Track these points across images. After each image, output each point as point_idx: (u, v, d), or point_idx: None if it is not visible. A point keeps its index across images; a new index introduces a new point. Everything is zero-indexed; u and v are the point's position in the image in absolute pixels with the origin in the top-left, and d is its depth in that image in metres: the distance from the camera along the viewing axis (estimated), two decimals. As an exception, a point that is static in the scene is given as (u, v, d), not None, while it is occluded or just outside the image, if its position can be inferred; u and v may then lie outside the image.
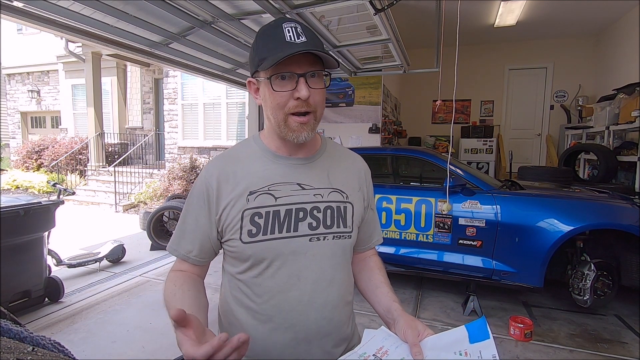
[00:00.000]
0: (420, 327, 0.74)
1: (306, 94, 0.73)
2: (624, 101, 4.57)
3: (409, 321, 0.76)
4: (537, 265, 2.64)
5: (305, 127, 0.76)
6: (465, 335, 0.67)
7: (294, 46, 0.71)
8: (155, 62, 3.70)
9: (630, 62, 5.36)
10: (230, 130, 7.67)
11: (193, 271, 0.83)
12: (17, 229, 2.66)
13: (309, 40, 0.73)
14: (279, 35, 0.72)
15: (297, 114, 0.75)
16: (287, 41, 0.72)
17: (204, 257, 0.83)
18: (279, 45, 0.72)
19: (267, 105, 0.78)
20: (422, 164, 3.44)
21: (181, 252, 0.82)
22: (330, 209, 0.82)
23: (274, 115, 0.77)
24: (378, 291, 0.88)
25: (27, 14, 2.28)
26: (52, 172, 8.72)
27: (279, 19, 0.76)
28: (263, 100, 0.79)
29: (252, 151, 0.85)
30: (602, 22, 5.97)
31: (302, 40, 0.72)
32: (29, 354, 0.36)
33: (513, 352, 2.33)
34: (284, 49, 0.71)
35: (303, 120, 0.76)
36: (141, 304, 2.98)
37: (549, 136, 7.05)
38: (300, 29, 0.73)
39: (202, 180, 0.82)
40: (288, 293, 0.78)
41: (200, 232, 0.81)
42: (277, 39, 0.72)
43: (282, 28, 0.73)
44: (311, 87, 0.74)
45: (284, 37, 0.72)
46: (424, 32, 6.04)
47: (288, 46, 0.71)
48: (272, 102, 0.76)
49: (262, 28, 0.77)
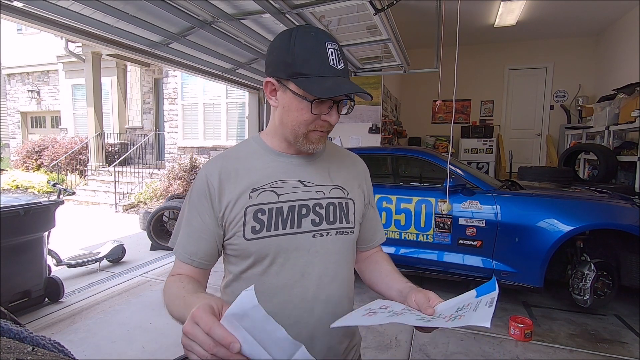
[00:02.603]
0: (432, 294, 0.73)
1: (336, 121, 0.77)
2: (624, 101, 4.57)
3: (420, 289, 0.75)
4: (537, 265, 2.64)
5: (323, 139, 0.81)
6: (473, 295, 0.67)
7: (335, 72, 0.73)
8: (155, 62, 3.70)
9: (630, 62, 5.36)
10: (230, 130, 7.67)
11: (196, 276, 0.80)
12: (17, 229, 2.66)
13: (345, 66, 0.76)
14: (322, 55, 0.72)
15: (320, 131, 0.79)
16: (330, 65, 0.72)
17: (207, 260, 0.81)
18: (322, 68, 0.72)
19: (287, 115, 0.78)
20: (422, 164, 3.44)
21: (184, 254, 0.79)
22: (333, 205, 0.82)
23: (294, 127, 0.78)
24: (388, 278, 0.88)
25: (27, 14, 2.28)
26: (52, 172, 8.72)
27: (320, 31, 0.75)
28: (282, 107, 0.78)
29: (253, 150, 0.85)
30: (602, 22, 5.97)
31: (342, 67, 0.74)
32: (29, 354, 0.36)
33: (513, 352, 2.33)
34: (326, 74, 0.72)
35: (323, 135, 0.80)
36: (141, 304, 2.98)
37: (549, 136, 7.05)
38: (340, 51, 0.75)
39: (202, 178, 0.80)
40: (292, 290, 0.78)
41: (206, 232, 0.79)
42: (320, 59, 0.72)
43: (325, 47, 0.72)
44: (339, 113, 0.78)
45: (327, 58, 0.72)
46: (424, 32, 6.05)
47: (330, 71, 0.72)
48: (298, 117, 0.76)
49: (300, 35, 0.73)
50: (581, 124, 5.90)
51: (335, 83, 0.71)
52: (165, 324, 2.61)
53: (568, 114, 6.70)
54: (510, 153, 5.72)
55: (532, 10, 5.50)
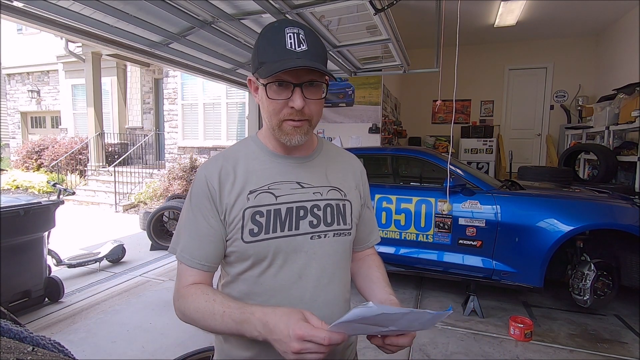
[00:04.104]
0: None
1: (300, 105, 0.72)
2: (624, 101, 4.56)
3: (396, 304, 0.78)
4: (537, 265, 2.64)
5: (298, 130, 0.76)
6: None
7: (292, 55, 0.71)
8: (155, 62, 3.70)
9: (630, 62, 5.36)
10: (230, 130, 7.67)
11: (206, 281, 0.79)
12: (17, 229, 2.66)
13: (310, 48, 0.72)
14: (280, 41, 0.71)
15: (291, 120, 0.76)
16: (288, 49, 0.71)
17: (215, 263, 0.80)
18: (278, 52, 0.71)
19: (263, 108, 0.79)
20: (422, 164, 3.44)
21: (193, 259, 0.77)
22: (330, 207, 0.82)
23: (269, 119, 0.78)
24: (374, 286, 0.88)
25: (27, 14, 2.28)
26: (52, 172, 8.72)
27: (283, 20, 0.75)
28: (260, 102, 0.80)
29: (251, 150, 0.85)
30: (602, 22, 5.97)
31: (302, 49, 0.71)
32: (29, 354, 0.36)
33: (513, 352, 2.33)
34: (282, 57, 0.70)
35: (297, 125, 0.76)
36: (141, 304, 2.98)
37: (549, 136, 7.05)
38: (303, 35, 0.72)
39: (202, 180, 0.80)
40: (290, 291, 0.78)
41: (214, 233, 0.78)
42: (277, 45, 0.71)
43: (284, 33, 0.72)
44: (307, 97, 0.74)
45: (284, 43, 0.71)
46: (424, 32, 6.05)
47: (287, 54, 0.71)
48: (267, 107, 0.76)
49: (265, 28, 0.76)
50: (581, 124, 5.90)
51: (283, 63, 0.69)
52: (165, 324, 2.60)
53: (568, 114, 6.70)
54: (510, 153, 5.72)
55: (532, 10, 5.50)
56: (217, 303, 0.71)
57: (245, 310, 0.68)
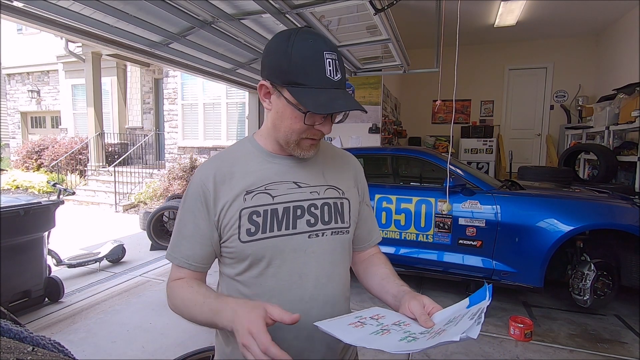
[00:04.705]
0: (426, 300, 0.73)
1: (329, 130, 0.77)
2: (624, 101, 4.56)
3: (414, 294, 0.76)
4: (537, 265, 2.64)
5: (314, 147, 0.80)
6: (465, 304, 0.67)
7: (331, 83, 0.71)
8: (155, 62, 3.70)
9: (630, 62, 5.36)
10: (230, 131, 7.67)
11: (195, 278, 0.81)
12: (17, 229, 2.66)
13: (342, 76, 0.74)
14: (320, 67, 0.70)
15: (312, 139, 0.78)
16: (328, 77, 0.71)
17: (205, 263, 0.81)
18: (319, 79, 0.70)
19: (280, 121, 0.77)
20: (422, 164, 3.44)
21: (181, 259, 0.80)
22: (328, 205, 0.83)
23: (286, 134, 0.77)
24: (385, 282, 0.87)
25: (27, 14, 2.28)
26: (52, 172, 8.72)
27: (317, 38, 0.72)
28: (275, 112, 0.78)
29: (247, 151, 0.85)
30: (602, 22, 5.97)
31: (338, 78, 0.72)
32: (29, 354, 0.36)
33: (513, 352, 2.33)
34: (323, 85, 0.70)
35: (314, 143, 0.79)
36: (141, 304, 2.98)
37: (549, 136, 7.05)
38: (337, 60, 0.73)
39: (197, 182, 0.80)
40: (289, 291, 0.78)
41: (200, 236, 0.79)
42: (317, 70, 0.70)
43: (323, 57, 0.70)
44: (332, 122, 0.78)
45: (324, 69, 0.70)
46: (424, 32, 6.04)
47: (327, 83, 0.71)
48: (291, 125, 0.76)
49: (299, 40, 0.71)
50: (581, 124, 5.90)
51: (330, 98, 0.70)
52: (165, 324, 2.60)
53: (568, 114, 6.70)
54: (510, 153, 5.72)
55: (532, 10, 5.50)
56: (200, 294, 0.74)
57: (221, 301, 0.71)
